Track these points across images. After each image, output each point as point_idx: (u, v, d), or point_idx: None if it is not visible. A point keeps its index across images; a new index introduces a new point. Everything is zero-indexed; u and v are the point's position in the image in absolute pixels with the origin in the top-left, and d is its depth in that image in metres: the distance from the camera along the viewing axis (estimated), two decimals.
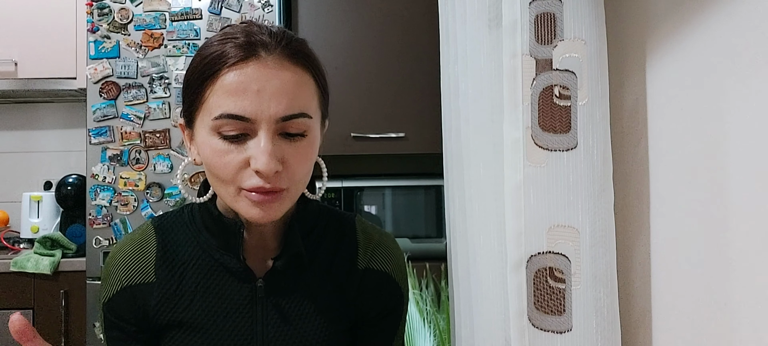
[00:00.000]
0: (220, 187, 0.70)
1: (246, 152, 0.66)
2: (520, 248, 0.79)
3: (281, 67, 0.67)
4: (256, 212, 0.68)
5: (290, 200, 0.71)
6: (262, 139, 0.65)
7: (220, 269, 0.76)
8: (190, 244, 0.77)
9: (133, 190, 1.92)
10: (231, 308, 0.75)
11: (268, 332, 0.75)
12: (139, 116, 1.93)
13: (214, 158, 0.67)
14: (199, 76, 0.68)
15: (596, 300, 0.77)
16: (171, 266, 0.76)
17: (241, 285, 0.75)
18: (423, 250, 2.00)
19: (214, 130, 0.67)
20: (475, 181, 1.01)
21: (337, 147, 2.00)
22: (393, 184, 2.06)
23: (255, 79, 0.66)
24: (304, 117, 0.68)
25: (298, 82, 0.68)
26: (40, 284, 1.97)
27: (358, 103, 2.02)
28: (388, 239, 0.86)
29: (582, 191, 0.77)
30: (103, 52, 1.93)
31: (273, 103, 0.66)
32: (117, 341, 0.77)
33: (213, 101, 0.67)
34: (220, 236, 0.75)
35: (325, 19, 2.05)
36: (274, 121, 0.66)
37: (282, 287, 0.77)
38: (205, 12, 1.93)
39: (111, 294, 0.76)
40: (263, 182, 0.66)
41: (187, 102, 0.72)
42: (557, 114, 0.77)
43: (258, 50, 0.67)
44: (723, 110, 0.63)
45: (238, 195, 0.68)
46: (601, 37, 0.78)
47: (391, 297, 0.83)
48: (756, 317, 0.59)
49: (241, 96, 0.65)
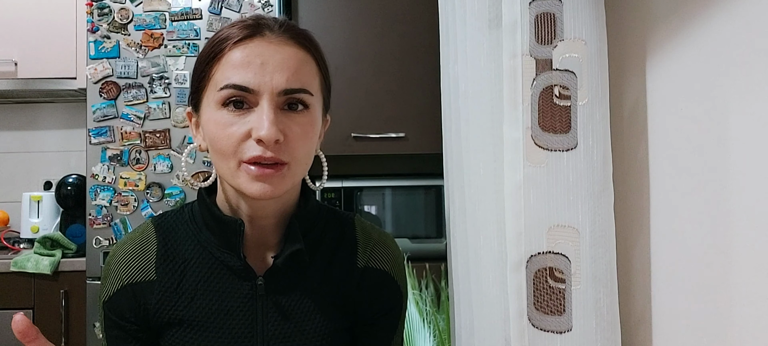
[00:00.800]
0: (221, 163, 0.71)
1: (248, 124, 0.68)
2: (520, 248, 0.79)
3: (285, 44, 0.71)
4: (257, 186, 0.69)
5: (291, 179, 0.72)
6: (265, 109, 0.68)
7: (221, 267, 0.76)
8: (190, 242, 0.77)
9: (133, 190, 1.92)
10: (231, 306, 0.75)
11: (268, 329, 0.76)
12: (139, 116, 1.93)
13: (218, 131, 0.70)
14: (207, 57, 0.72)
15: (596, 300, 0.77)
16: (172, 264, 0.77)
17: (241, 283, 0.76)
18: (423, 250, 2.00)
19: (219, 102, 0.70)
20: (475, 181, 1.01)
21: (337, 147, 2.00)
22: (393, 184, 2.06)
23: (258, 53, 0.69)
24: (305, 93, 0.71)
25: (300, 59, 0.72)
26: (40, 284, 1.97)
27: (358, 103, 2.02)
28: (387, 238, 0.86)
29: (582, 191, 0.77)
30: (103, 52, 1.93)
31: (276, 75, 0.69)
32: (117, 339, 0.77)
33: (219, 76, 0.70)
34: (221, 234, 0.76)
35: (325, 19, 2.05)
36: (276, 93, 0.69)
37: (282, 285, 0.77)
38: (205, 12, 1.93)
39: (111, 292, 0.76)
40: (263, 150, 0.67)
41: (194, 84, 0.75)
42: (557, 114, 0.77)
43: (263, 29, 0.71)
44: (723, 110, 0.63)
45: (239, 169, 0.69)
46: (601, 37, 0.78)
47: (390, 296, 0.83)
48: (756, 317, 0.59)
49: (245, 69, 0.69)
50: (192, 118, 0.77)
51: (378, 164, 2.18)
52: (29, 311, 1.96)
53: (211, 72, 0.71)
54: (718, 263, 0.64)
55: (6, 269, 1.96)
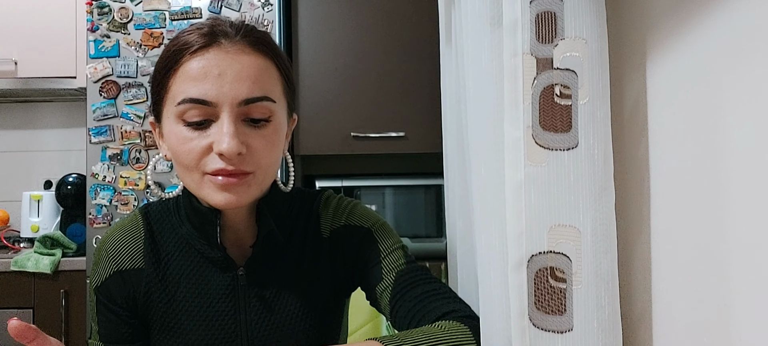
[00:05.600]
0: (185, 175, 0.70)
1: (209, 138, 0.67)
2: (521, 248, 0.79)
3: (242, 53, 0.68)
4: (222, 196, 0.68)
5: (258, 186, 0.71)
6: (225, 122, 0.66)
7: (202, 260, 0.77)
8: (173, 234, 0.78)
9: (133, 189, 1.92)
10: (213, 298, 0.76)
11: (250, 319, 0.76)
12: (139, 115, 1.92)
13: (179, 146, 0.68)
14: (164, 67, 0.70)
15: (597, 300, 0.77)
16: (157, 254, 0.78)
17: (222, 275, 0.77)
18: (423, 250, 2.00)
19: (178, 117, 0.68)
20: (475, 180, 1.00)
21: (337, 147, 1.99)
22: (393, 183, 2.06)
23: (215, 64, 0.67)
24: (266, 101, 0.69)
25: (260, 67, 0.69)
26: (40, 283, 1.97)
27: (358, 103, 2.02)
28: (346, 199, 0.85)
29: (583, 191, 0.77)
30: (103, 52, 1.93)
31: (235, 86, 0.67)
32: (109, 324, 0.78)
33: (176, 88, 0.68)
34: (200, 225, 0.76)
35: (325, 19, 2.04)
36: (235, 104, 0.67)
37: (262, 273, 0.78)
38: (205, 11, 1.93)
39: (103, 278, 0.77)
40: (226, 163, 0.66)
41: (154, 96, 0.73)
42: (558, 113, 0.77)
43: (219, 38, 0.68)
44: (724, 110, 0.63)
45: (202, 181, 0.69)
46: (601, 35, 0.78)
47: (353, 237, 0.81)
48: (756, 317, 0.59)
49: (202, 81, 0.66)
50: (155, 129, 0.76)
51: (378, 164, 2.18)
52: (29, 310, 1.96)
53: (168, 84, 0.69)
54: (718, 263, 0.64)
55: (6, 269, 1.96)
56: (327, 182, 2.02)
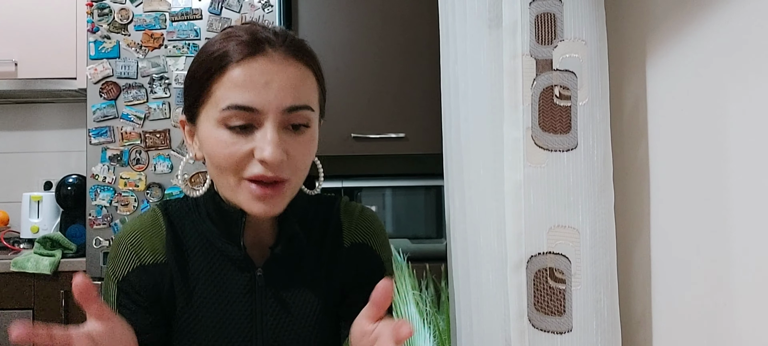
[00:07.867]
0: (221, 178, 0.72)
1: (251, 143, 0.69)
2: (521, 249, 0.79)
3: (287, 62, 0.70)
4: (259, 206, 0.70)
5: (291, 193, 0.73)
6: (269, 130, 0.68)
7: (221, 258, 0.78)
8: (193, 231, 0.79)
9: (134, 190, 1.92)
10: (231, 297, 0.77)
11: (266, 319, 0.77)
12: (140, 116, 1.93)
13: (219, 149, 0.70)
14: (206, 71, 0.71)
15: (596, 301, 0.77)
16: (179, 249, 0.78)
17: (240, 274, 0.77)
18: (423, 250, 2.00)
19: (220, 122, 0.69)
20: (475, 181, 1.00)
21: (337, 147, 1.99)
22: (393, 184, 2.06)
23: (262, 72, 0.69)
24: (307, 109, 0.71)
25: (302, 77, 0.72)
26: (40, 284, 1.97)
27: (358, 103, 2.02)
28: (367, 211, 0.88)
29: (582, 192, 0.77)
30: (103, 53, 1.93)
31: (280, 95, 0.69)
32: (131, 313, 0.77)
33: (220, 94, 0.69)
34: (222, 224, 0.77)
35: (325, 19, 2.04)
36: (280, 112, 0.69)
37: (279, 275, 0.78)
38: (205, 12, 1.93)
39: (126, 272, 0.77)
40: (266, 170, 0.68)
41: (191, 97, 0.74)
42: (557, 114, 0.77)
43: (264, 46, 0.70)
44: (723, 110, 0.63)
45: (239, 186, 0.70)
46: (601, 37, 0.77)
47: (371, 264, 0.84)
48: (756, 317, 0.59)
49: (249, 88, 0.68)
50: (185, 127, 0.77)
51: (378, 164, 2.18)
52: (29, 311, 1.96)
53: (211, 88, 0.70)
54: (717, 263, 0.64)
55: (6, 269, 1.96)
56: (327, 182, 2.02)
